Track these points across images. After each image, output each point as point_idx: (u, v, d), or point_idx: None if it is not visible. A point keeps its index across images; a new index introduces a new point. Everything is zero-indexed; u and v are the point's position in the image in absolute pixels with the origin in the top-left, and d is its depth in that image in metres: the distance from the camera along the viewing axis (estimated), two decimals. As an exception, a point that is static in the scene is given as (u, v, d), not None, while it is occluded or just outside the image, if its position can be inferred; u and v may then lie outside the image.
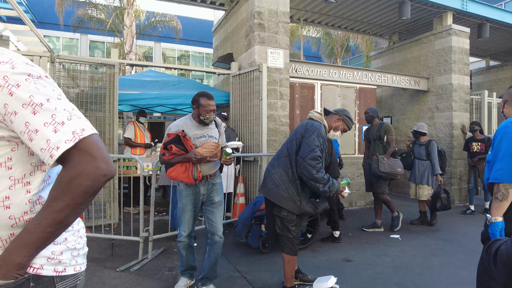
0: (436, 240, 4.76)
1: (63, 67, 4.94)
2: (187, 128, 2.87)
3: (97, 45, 21.46)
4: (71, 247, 0.99)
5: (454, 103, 7.53)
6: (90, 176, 0.80)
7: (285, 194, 2.79)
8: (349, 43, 17.65)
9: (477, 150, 6.51)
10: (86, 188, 0.81)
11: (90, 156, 0.81)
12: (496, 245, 1.00)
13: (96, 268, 3.55)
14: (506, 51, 10.49)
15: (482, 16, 7.73)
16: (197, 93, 2.96)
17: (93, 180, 0.81)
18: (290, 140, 2.92)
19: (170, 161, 2.79)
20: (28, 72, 0.83)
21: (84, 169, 0.80)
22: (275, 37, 5.76)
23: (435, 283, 3.34)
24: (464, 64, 7.69)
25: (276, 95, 5.74)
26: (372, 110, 5.40)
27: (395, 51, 9.05)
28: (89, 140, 0.83)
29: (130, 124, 6.23)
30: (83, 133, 0.83)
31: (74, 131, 0.82)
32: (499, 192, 1.92)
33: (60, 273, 0.94)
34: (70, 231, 1.00)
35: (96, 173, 0.81)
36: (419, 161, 5.55)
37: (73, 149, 0.81)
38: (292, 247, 2.87)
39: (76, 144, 0.81)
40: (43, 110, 0.81)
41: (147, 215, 4.23)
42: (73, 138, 0.81)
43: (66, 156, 0.81)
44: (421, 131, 5.55)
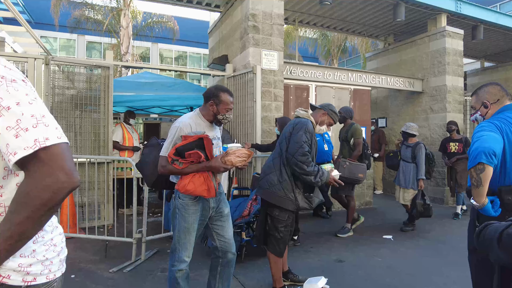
0: (429, 241, 4.80)
1: (58, 68, 4.96)
2: (199, 128, 2.40)
3: (94, 45, 21.48)
4: (41, 258, 0.96)
5: (448, 104, 7.58)
6: (48, 188, 0.77)
7: (280, 193, 2.82)
8: (345, 44, 17.72)
9: (454, 150, 6.28)
10: (44, 200, 0.77)
11: (50, 167, 0.78)
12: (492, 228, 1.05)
13: (90, 269, 3.57)
14: (500, 53, 10.56)
15: (476, 18, 7.79)
16: (215, 87, 2.52)
17: (52, 192, 0.78)
18: (280, 140, 2.96)
19: (182, 171, 2.29)
20: (2, 75, 0.82)
21: (42, 181, 0.77)
22: (270, 39, 5.80)
23: (426, 284, 3.37)
24: (458, 66, 7.74)
25: (271, 97, 5.77)
26: (345, 110, 5.14)
27: (390, 53, 9.10)
28: (51, 150, 0.80)
29: (118, 126, 6.06)
30: (46, 142, 0.80)
31: (37, 139, 0.79)
32: (473, 178, 1.97)
33: (30, 283, 0.92)
34: (39, 241, 0.96)
35: (55, 185, 0.78)
36: (404, 163, 5.33)
37: (33, 158, 0.78)
38: (277, 247, 2.90)
39: (37, 152, 0.78)
40: (9, 114, 0.79)
41: (141, 216, 4.25)
42: (33, 146, 0.78)
43: (27, 165, 0.79)
44: (410, 132, 5.30)
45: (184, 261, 2.43)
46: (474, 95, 2.30)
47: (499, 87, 2.20)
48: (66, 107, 4.90)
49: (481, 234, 1.11)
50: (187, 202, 2.38)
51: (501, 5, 15.66)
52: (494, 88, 2.20)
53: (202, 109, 2.50)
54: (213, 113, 2.45)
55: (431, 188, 7.63)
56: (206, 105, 2.47)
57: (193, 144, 2.24)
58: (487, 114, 2.19)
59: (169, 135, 2.38)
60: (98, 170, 4.82)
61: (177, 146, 2.25)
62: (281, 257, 2.97)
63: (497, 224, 1.06)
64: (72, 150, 4.86)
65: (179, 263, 2.42)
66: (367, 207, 7.14)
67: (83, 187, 4.66)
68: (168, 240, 4.50)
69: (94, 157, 4.73)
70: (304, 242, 4.62)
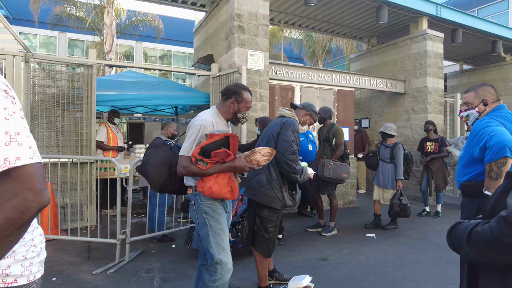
0: (410, 239, 4.93)
1: (39, 66, 4.85)
2: (219, 127, 2.27)
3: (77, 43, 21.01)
4: (21, 258, 0.96)
5: (429, 105, 7.79)
6: (15, 208, 0.75)
7: (270, 193, 2.84)
8: (330, 45, 17.93)
9: (431, 150, 6.37)
10: (11, 220, 0.75)
11: (19, 187, 0.77)
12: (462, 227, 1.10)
13: (72, 271, 3.51)
14: (478, 56, 10.91)
15: (455, 22, 8.03)
16: (235, 85, 2.41)
17: (19, 212, 0.76)
18: (268, 140, 2.97)
19: (206, 172, 2.13)
20: None
21: (10, 200, 0.76)
22: (255, 39, 5.82)
23: (407, 280, 3.46)
24: (438, 68, 7.96)
25: (256, 97, 5.80)
26: (324, 110, 5.17)
27: (373, 54, 9.27)
28: (22, 170, 0.78)
29: (102, 126, 5.96)
30: (17, 162, 0.78)
31: (7, 158, 0.77)
32: (493, 171, 2.04)
33: (10, 284, 0.92)
34: (20, 242, 0.95)
35: (23, 205, 0.76)
36: (383, 163, 5.40)
37: (3, 177, 0.77)
38: (267, 247, 2.93)
39: (7, 172, 0.77)
40: None
41: (125, 217, 4.20)
42: (2, 165, 0.76)
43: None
44: (388, 132, 5.37)
45: (230, 269, 2.25)
46: (472, 92, 2.35)
47: (494, 89, 2.33)
48: (48, 106, 4.79)
49: (453, 232, 1.16)
50: (215, 204, 2.25)
51: (479, 9, 16.18)
52: (492, 89, 2.32)
53: (220, 106, 2.37)
54: (233, 112, 2.35)
55: (412, 187, 7.82)
56: (225, 103, 2.35)
57: (219, 143, 2.12)
58: (484, 112, 2.28)
59: (191, 133, 2.19)
60: (81, 170, 4.73)
61: (202, 145, 2.09)
62: (269, 257, 2.98)
63: (467, 223, 1.10)
64: (54, 150, 4.75)
65: (225, 273, 2.21)
66: (350, 206, 7.26)
67: (65, 187, 4.56)
68: (152, 241, 4.47)
69: (76, 157, 4.64)
70: (288, 241, 4.66)
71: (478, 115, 2.30)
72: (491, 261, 1.00)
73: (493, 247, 0.95)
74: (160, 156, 2.39)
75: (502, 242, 0.91)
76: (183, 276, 3.45)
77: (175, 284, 3.27)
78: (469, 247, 1.03)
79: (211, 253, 2.21)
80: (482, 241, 0.98)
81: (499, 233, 0.90)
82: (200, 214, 2.25)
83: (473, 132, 2.22)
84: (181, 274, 3.49)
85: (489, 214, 1.05)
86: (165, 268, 3.64)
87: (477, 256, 1.02)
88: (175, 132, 4.90)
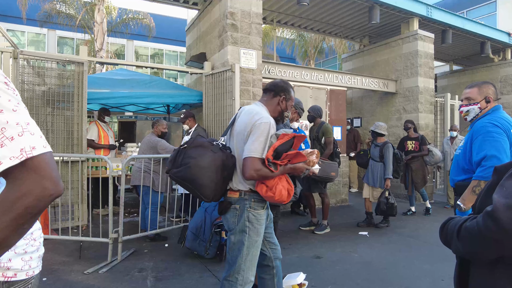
0: (402, 237, 4.97)
1: (27, 63, 4.75)
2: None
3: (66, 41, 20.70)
4: (21, 252, 0.96)
5: (420, 105, 7.88)
6: (35, 196, 0.76)
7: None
8: (322, 45, 18.02)
9: (411, 148, 6.39)
10: (30, 208, 0.76)
11: (37, 176, 0.78)
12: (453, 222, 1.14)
13: (63, 271, 3.45)
14: (467, 57, 11.08)
15: (445, 23, 8.14)
16: (283, 81, 2.28)
17: (38, 200, 0.77)
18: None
19: (274, 175, 1.99)
20: None
21: (30, 189, 0.76)
22: (248, 38, 5.81)
23: (400, 277, 3.49)
24: (429, 68, 8.06)
25: (249, 96, 5.78)
26: (313, 109, 5.17)
27: (365, 54, 9.34)
28: (38, 159, 0.79)
29: (93, 124, 5.88)
30: (33, 151, 0.78)
31: (23, 148, 0.77)
32: (479, 187, 2.08)
33: (10, 279, 0.91)
34: None
35: (42, 193, 0.77)
36: (373, 161, 5.43)
37: (20, 167, 0.77)
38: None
39: (23, 162, 0.77)
40: None
41: (117, 216, 4.15)
42: (19, 156, 0.76)
43: (12, 173, 0.77)
44: (378, 131, 5.38)
45: (251, 281, 2.10)
46: (476, 88, 2.35)
47: (495, 88, 2.38)
48: (37, 104, 4.70)
49: (445, 227, 1.19)
50: (261, 213, 2.09)
51: (467, 11, 16.43)
52: (494, 87, 2.35)
53: (268, 104, 2.20)
54: (281, 110, 2.21)
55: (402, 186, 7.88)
56: (273, 100, 2.20)
57: (290, 143, 2.00)
58: (485, 109, 2.31)
59: (259, 132, 1.98)
60: (72, 169, 4.66)
61: (276, 146, 1.95)
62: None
63: (458, 218, 1.14)
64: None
65: (245, 285, 2.07)
66: (343, 204, 7.30)
67: (55, 186, 4.48)
68: (145, 240, 4.42)
69: (67, 155, 4.56)
70: (282, 239, 4.64)
71: (480, 111, 2.32)
72: (478, 255, 1.03)
73: (480, 242, 0.98)
74: (211, 158, 2.03)
75: (487, 237, 0.94)
76: (176, 275, 3.42)
77: (168, 283, 3.24)
78: (458, 242, 1.07)
79: (238, 264, 2.06)
80: (470, 236, 1.01)
81: (484, 228, 0.93)
82: (242, 221, 2.06)
83: (476, 133, 2.23)
84: (174, 273, 3.46)
85: (478, 210, 1.09)
86: (158, 267, 3.60)
87: (466, 250, 1.05)
88: (165, 130, 4.85)
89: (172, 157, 2.10)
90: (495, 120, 2.20)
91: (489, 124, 2.17)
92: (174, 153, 2.11)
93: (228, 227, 2.14)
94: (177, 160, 2.04)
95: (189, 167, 1.98)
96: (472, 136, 2.25)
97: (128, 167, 4.96)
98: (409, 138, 6.51)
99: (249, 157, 1.95)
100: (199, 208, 4.18)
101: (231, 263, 2.10)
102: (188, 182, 1.99)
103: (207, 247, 3.69)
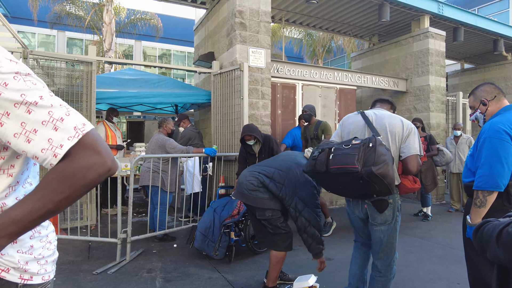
0: (414, 238, 4.87)
1: (37, 63, 4.77)
2: None
3: (76, 42, 20.88)
4: (38, 256, 0.93)
5: (431, 104, 7.74)
6: (96, 171, 0.78)
7: (264, 195, 2.75)
8: (331, 44, 17.88)
9: None
10: (89, 181, 0.78)
11: (95, 151, 0.79)
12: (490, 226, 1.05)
13: (72, 271, 3.44)
14: (479, 55, 10.87)
15: (457, 20, 7.98)
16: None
17: (98, 175, 0.78)
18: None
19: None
20: (16, 70, 0.77)
21: (91, 164, 0.77)
22: (257, 36, 5.76)
23: (412, 279, 3.41)
24: (440, 66, 7.91)
25: (258, 95, 5.73)
26: (309, 108, 5.13)
27: (375, 53, 9.22)
28: (91, 135, 0.80)
29: (100, 124, 5.87)
30: (85, 128, 0.79)
31: (76, 126, 0.78)
32: (478, 198, 1.98)
33: (26, 281, 0.89)
34: (36, 237, 0.93)
35: (102, 168, 0.78)
36: None
37: (76, 145, 0.77)
38: (286, 242, 2.85)
39: (79, 139, 0.78)
40: (39, 108, 0.77)
41: (126, 216, 4.13)
42: (76, 134, 0.77)
43: (69, 152, 0.77)
44: None
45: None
46: (472, 96, 2.35)
47: (493, 85, 2.27)
48: (46, 104, 4.71)
49: (480, 230, 1.11)
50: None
51: (479, 8, 16.15)
52: (489, 87, 2.26)
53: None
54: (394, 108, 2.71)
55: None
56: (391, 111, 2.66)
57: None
58: (487, 111, 2.23)
59: (416, 135, 2.36)
60: (80, 168, 4.66)
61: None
62: (291, 250, 2.91)
63: (497, 222, 1.06)
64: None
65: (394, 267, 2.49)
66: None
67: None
68: (153, 241, 4.40)
69: (76, 155, 4.56)
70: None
71: (483, 115, 2.27)
72: None
73: None
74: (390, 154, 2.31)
75: None
76: (185, 276, 3.39)
77: (177, 284, 3.21)
78: (498, 247, 0.99)
79: (394, 248, 2.40)
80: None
81: None
82: (395, 212, 2.35)
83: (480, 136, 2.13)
84: (183, 274, 3.43)
85: None
86: (167, 268, 3.57)
87: (508, 257, 0.97)
88: (174, 128, 4.85)
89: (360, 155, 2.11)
90: (501, 122, 2.04)
91: (493, 127, 2.03)
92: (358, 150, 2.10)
93: (381, 221, 2.32)
94: (368, 158, 2.06)
95: (386, 164, 2.05)
96: (478, 138, 2.16)
97: (137, 167, 4.95)
98: None
99: (417, 155, 2.29)
100: (208, 209, 4.15)
101: (388, 251, 2.38)
102: (383, 177, 2.04)
103: (216, 248, 3.64)
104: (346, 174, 2.06)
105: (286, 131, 6.25)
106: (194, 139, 5.55)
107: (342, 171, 2.07)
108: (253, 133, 4.01)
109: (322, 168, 2.16)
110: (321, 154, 2.20)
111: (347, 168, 2.05)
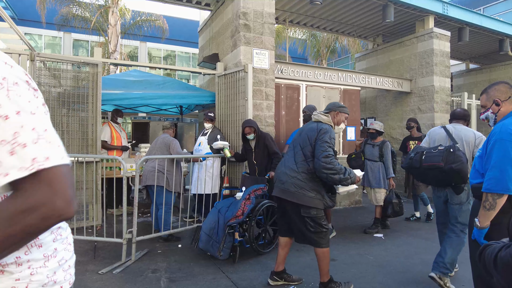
0: (419, 239, 4.86)
1: (44, 65, 4.83)
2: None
3: (82, 44, 21.05)
4: (62, 262, 0.88)
5: (435, 104, 7.71)
6: (41, 214, 0.67)
7: (311, 194, 2.93)
8: (335, 44, 17.85)
9: None
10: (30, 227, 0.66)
11: (49, 190, 0.68)
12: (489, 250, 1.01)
13: (77, 271, 3.45)
14: (484, 55, 10.80)
15: (462, 20, 7.94)
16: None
17: (42, 219, 0.67)
18: (304, 145, 3.04)
19: None
20: (3, 76, 0.69)
21: (37, 204, 0.66)
22: (261, 38, 5.78)
23: (417, 281, 3.40)
24: (445, 67, 7.88)
25: (262, 96, 5.75)
26: (309, 108, 4.98)
27: (379, 53, 9.20)
28: (53, 171, 0.69)
29: (105, 125, 5.89)
30: (45, 163, 0.68)
31: (35, 158, 0.68)
32: (487, 201, 1.96)
33: None
34: (58, 239, 0.88)
35: (50, 212, 0.67)
36: (371, 162, 5.15)
37: (30, 179, 0.67)
38: (325, 239, 3.02)
39: (35, 173, 0.68)
40: (6, 125, 0.67)
41: (131, 217, 4.17)
42: (30, 167, 0.67)
43: (21, 185, 0.68)
44: (381, 130, 5.19)
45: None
46: (484, 94, 2.30)
47: (508, 85, 2.23)
48: (53, 105, 4.78)
49: (482, 256, 1.05)
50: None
51: (485, 8, 16.04)
52: (503, 86, 2.21)
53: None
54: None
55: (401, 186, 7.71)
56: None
57: None
58: (500, 112, 2.19)
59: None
60: (86, 169, 4.71)
61: None
62: (329, 246, 3.07)
63: (496, 245, 1.01)
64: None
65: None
66: (356, 206, 7.19)
67: (71, 187, 4.54)
68: (158, 241, 4.43)
69: (82, 156, 4.62)
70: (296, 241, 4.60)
71: (495, 116, 2.24)
72: None
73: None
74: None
75: None
76: (189, 276, 3.42)
77: (181, 284, 3.23)
78: (496, 273, 0.94)
79: (467, 221, 2.82)
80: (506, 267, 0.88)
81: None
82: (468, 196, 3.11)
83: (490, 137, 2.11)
84: (188, 274, 3.45)
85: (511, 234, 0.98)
86: (171, 268, 3.60)
87: (506, 282, 0.91)
88: None
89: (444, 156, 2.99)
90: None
91: (505, 129, 1.99)
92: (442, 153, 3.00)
93: (457, 201, 3.15)
94: (449, 159, 2.94)
95: (462, 163, 2.90)
96: (488, 139, 2.13)
97: (142, 168, 4.99)
98: (412, 138, 6.14)
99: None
100: (212, 209, 4.17)
101: (462, 222, 3.14)
102: (459, 172, 2.90)
103: (221, 248, 3.66)
104: (434, 169, 2.99)
105: (290, 132, 6.26)
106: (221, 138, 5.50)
107: (431, 167, 3.00)
108: (252, 125, 4.60)
109: (417, 165, 3.12)
110: (416, 155, 3.17)
111: (435, 165, 2.97)
